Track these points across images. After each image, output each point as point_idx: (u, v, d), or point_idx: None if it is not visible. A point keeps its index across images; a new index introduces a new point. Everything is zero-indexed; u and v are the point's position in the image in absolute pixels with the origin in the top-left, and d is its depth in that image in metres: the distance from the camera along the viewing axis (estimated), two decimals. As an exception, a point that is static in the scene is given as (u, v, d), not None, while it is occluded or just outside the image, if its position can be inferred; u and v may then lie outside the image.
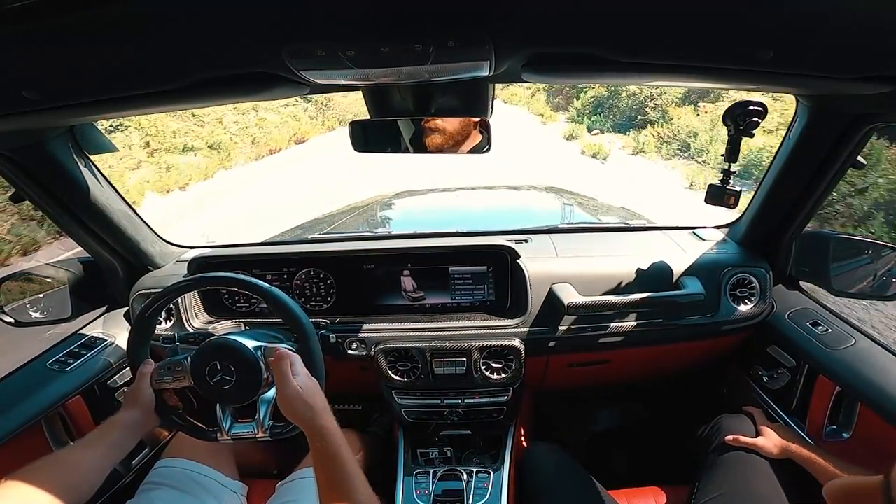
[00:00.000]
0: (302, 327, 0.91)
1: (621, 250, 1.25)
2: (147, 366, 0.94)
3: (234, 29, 0.56)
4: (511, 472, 1.16)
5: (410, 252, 1.22)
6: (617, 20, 0.55)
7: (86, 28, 0.52)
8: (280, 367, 0.81)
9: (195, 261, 1.21)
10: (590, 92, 14.36)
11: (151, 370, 0.93)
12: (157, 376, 0.93)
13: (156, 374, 0.93)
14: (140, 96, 0.70)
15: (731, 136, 1.01)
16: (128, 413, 0.89)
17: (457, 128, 0.93)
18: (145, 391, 0.91)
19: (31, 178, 1.03)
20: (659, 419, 1.67)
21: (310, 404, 0.78)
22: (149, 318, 0.97)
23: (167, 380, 0.93)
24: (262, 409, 0.92)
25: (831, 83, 0.69)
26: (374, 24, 0.54)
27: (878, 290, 1.11)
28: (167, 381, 0.93)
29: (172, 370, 0.93)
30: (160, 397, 0.94)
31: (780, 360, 1.15)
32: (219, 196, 7.75)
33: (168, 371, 0.93)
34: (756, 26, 0.54)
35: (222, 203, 7.30)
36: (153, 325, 1.00)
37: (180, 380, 0.92)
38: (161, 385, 0.93)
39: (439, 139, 0.95)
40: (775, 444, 0.99)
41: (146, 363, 0.94)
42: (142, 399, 0.90)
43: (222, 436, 0.93)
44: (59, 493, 0.72)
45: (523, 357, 1.16)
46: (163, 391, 0.94)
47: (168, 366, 0.93)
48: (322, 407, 0.79)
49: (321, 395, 0.82)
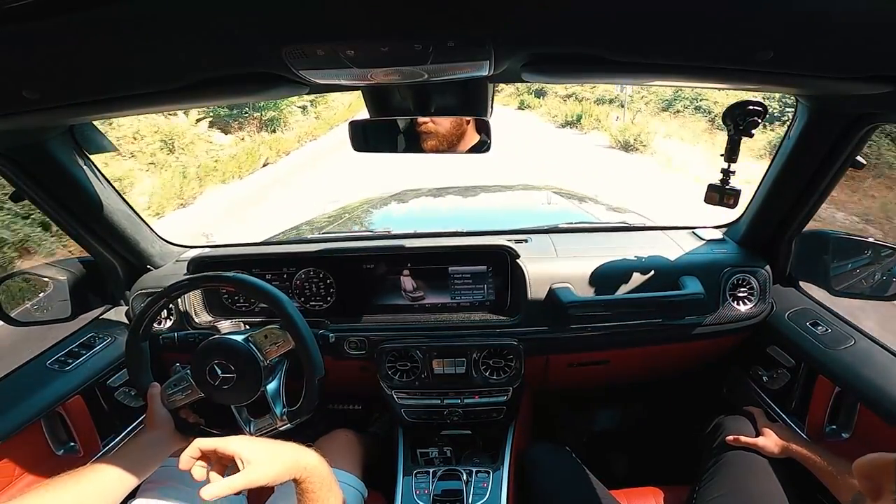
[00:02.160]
0: (296, 327, 0.91)
1: (621, 250, 1.25)
2: (154, 388, 0.94)
3: (234, 29, 0.56)
4: (511, 472, 1.15)
5: (410, 252, 1.22)
6: (617, 20, 0.55)
7: (86, 28, 0.52)
8: (195, 473, 0.72)
9: (194, 260, 1.21)
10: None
11: (159, 391, 0.94)
12: (167, 396, 0.94)
13: (164, 393, 0.94)
14: (140, 96, 0.70)
15: (731, 137, 1.01)
16: (151, 434, 0.89)
17: (457, 128, 0.93)
18: (160, 413, 0.92)
19: (31, 178, 1.03)
20: (659, 419, 1.67)
21: (281, 450, 0.71)
22: (142, 335, 0.97)
23: (178, 397, 0.93)
24: (273, 398, 0.93)
25: (832, 83, 0.69)
26: (374, 24, 0.54)
27: (878, 290, 1.11)
28: (178, 398, 0.93)
29: (179, 385, 0.93)
30: (178, 416, 0.94)
31: (779, 360, 1.15)
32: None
33: (175, 387, 0.94)
34: (756, 26, 0.54)
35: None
36: (146, 350, 0.99)
37: (189, 394, 0.93)
38: (174, 404, 0.94)
39: (439, 139, 0.95)
40: (776, 443, 0.99)
41: (152, 386, 0.95)
42: (159, 421, 0.91)
43: (248, 433, 0.94)
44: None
45: (523, 357, 1.16)
46: (178, 409, 0.94)
47: (174, 383, 0.94)
48: (284, 465, 0.70)
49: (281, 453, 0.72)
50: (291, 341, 0.92)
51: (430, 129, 0.92)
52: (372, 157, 1.04)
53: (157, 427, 0.90)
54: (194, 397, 0.93)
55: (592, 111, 14.20)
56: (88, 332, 1.23)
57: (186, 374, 0.93)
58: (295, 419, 0.93)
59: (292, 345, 0.92)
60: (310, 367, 0.91)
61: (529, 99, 19.15)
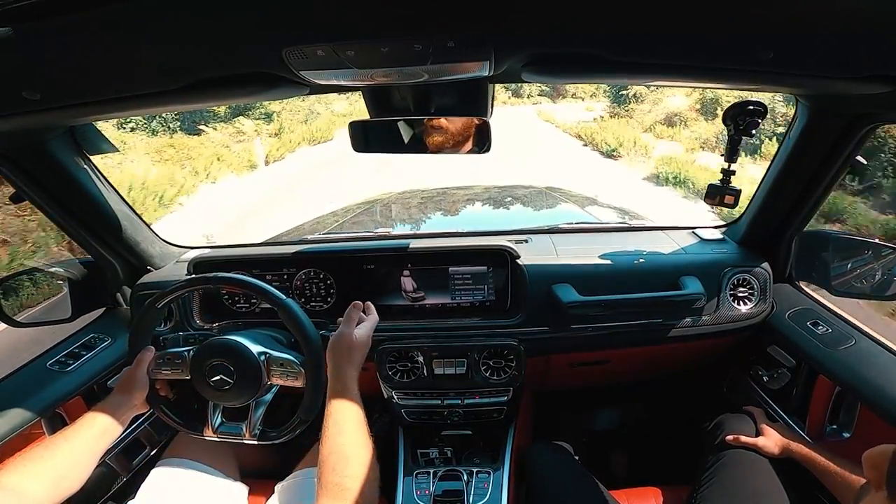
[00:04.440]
0: (308, 338, 0.90)
1: (621, 250, 1.25)
2: (147, 352, 0.93)
3: (234, 29, 0.56)
4: (511, 472, 1.15)
5: (410, 252, 1.22)
6: (617, 20, 0.55)
7: (86, 28, 0.52)
8: (350, 312, 0.90)
9: (195, 261, 1.21)
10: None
11: (150, 357, 0.93)
12: (156, 365, 0.93)
13: (154, 363, 0.93)
14: (140, 96, 0.70)
15: (731, 137, 1.01)
16: (117, 398, 0.88)
17: (457, 128, 0.93)
18: (140, 378, 0.91)
19: (31, 179, 1.03)
20: (659, 419, 1.67)
21: (348, 355, 0.84)
22: (160, 307, 0.96)
23: (165, 371, 0.93)
24: (256, 412, 0.93)
25: (831, 83, 0.69)
26: (374, 25, 0.55)
27: (878, 290, 1.11)
28: (164, 371, 0.93)
29: (171, 362, 0.93)
30: (153, 386, 0.93)
31: (780, 360, 1.15)
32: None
33: (167, 362, 0.93)
34: (756, 26, 0.54)
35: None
36: (159, 317, 1.00)
37: (178, 372, 0.92)
38: (158, 375, 0.93)
39: (439, 139, 0.95)
40: (776, 443, 0.99)
41: (147, 349, 0.94)
42: (135, 385, 0.90)
43: (208, 432, 0.94)
44: (52, 482, 0.72)
45: (523, 357, 1.16)
46: (156, 380, 0.94)
47: (168, 357, 0.93)
48: (354, 362, 0.85)
49: (361, 355, 0.87)
50: (302, 383, 0.91)
51: (437, 126, 0.92)
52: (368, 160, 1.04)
53: (129, 391, 0.89)
54: (179, 377, 0.93)
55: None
56: (89, 333, 1.23)
57: (185, 354, 0.93)
58: (264, 440, 0.93)
59: (302, 385, 0.91)
60: (308, 407, 0.90)
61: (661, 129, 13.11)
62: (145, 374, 0.92)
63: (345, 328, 0.88)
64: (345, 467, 0.70)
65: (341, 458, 0.71)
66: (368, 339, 0.90)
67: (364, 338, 0.88)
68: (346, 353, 0.85)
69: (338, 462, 0.70)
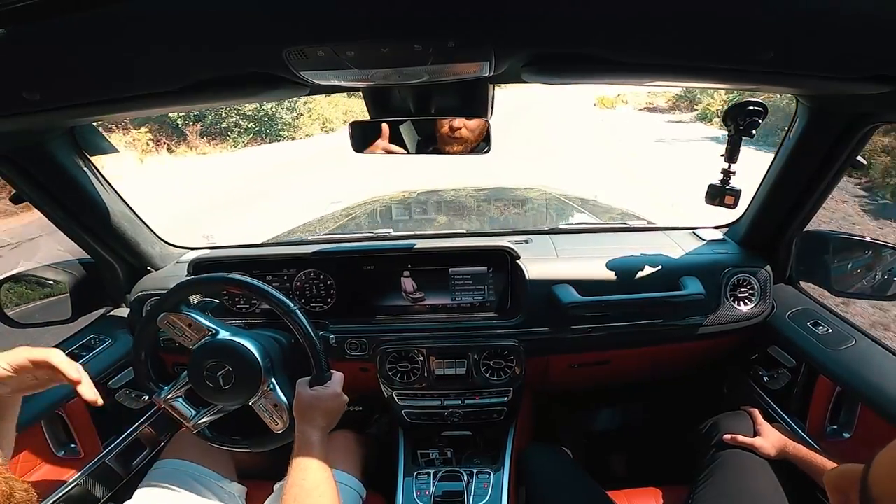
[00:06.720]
0: (311, 339, 0.91)
1: (622, 251, 1.25)
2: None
3: (234, 29, 0.56)
4: (511, 472, 1.15)
5: (410, 253, 1.21)
6: (617, 21, 0.55)
7: (86, 28, 0.52)
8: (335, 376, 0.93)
9: (195, 262, 1.21)
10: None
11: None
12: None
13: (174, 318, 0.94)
14: (140, 97, 0.70)
15: (731, 137, 1.01)
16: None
17: (475, 136, 0.93)
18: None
19: (31, 179, 1.03)
20: (659, 419, 1.66)
21: (312, 414, 0.86)
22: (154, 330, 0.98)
23: (178, 331, 0.94)
24: (213, 409, 0.96)
25: (831, 83, 0.70)
26: (374, 25, 0.55)
27: (878, 290, 1.11)
28: (178, 331, 0.94)
29: (187, 329, 0.94)
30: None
31: (780, 361, 1.15)
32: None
33: (188, 326, 0.94)
34: (756, 26, 0.54)
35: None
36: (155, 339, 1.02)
37: (185, 340, 0.94)
38: (172, 331, 0.95)
39: (439, 140, 0.95)
40: (773, 444, 0.99)
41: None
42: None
43: (157, 398, 0.96)
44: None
45: (523, 358, 1.16)
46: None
47: (189, 322, 0.93)
48: (320, 425, 0.86)
49: (332, 416, 0.89)
50: (280, 429, 0.93)
51: (460, 135, 0.95)
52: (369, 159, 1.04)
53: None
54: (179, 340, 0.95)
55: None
56: (89, 333, 1.23)
57: (201, 319, 0.94)
58: (200, 436, 0.98)
59: (279, 431, 0.94)
60: (264, 444, 0.96)
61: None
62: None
63: (317, 388, 0.90)
64: (306, 498, 0.75)
65: (302, 491, 0.76)
66: (338, 400, 0.91)
67: (335, 401, 0.90)
68: (308, 414, 0.87)
69: (299, 494, 0.76)
